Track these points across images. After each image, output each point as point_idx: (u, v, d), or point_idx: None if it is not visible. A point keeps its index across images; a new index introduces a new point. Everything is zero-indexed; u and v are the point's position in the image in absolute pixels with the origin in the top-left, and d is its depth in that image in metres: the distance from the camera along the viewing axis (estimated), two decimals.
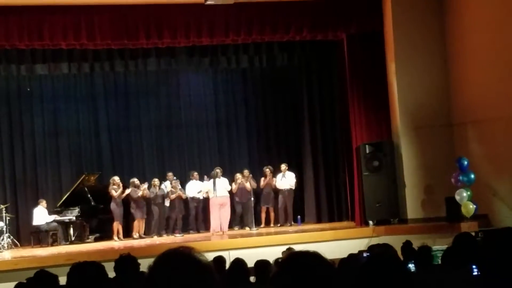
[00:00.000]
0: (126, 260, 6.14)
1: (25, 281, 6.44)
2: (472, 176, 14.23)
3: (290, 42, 16.62)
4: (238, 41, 16.02)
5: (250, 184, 16.93)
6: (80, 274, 4.76)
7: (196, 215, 17.13)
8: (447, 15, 15.72)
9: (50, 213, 16.58)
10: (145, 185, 16.57)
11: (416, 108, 15.48)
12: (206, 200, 16.94)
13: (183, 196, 16.87)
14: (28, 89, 17.79)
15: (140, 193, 16.39)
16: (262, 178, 17.38)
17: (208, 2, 13.87)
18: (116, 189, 16.37)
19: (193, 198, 16.96)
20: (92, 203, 16.70)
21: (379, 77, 15.90)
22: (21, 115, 17.77)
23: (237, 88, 19.12)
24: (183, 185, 17.07)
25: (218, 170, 16.85)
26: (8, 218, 15.71)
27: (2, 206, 15.86)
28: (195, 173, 17.15)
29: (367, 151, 15.52)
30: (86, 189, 16.73)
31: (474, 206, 13.99)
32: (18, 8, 14.29)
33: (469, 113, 15.07)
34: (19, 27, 14.34)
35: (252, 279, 7.05)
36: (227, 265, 7.41)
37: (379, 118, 15.94)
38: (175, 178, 16.95)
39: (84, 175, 16.90)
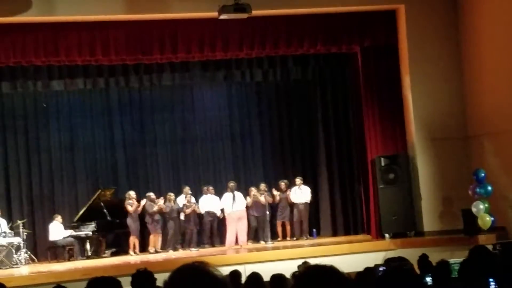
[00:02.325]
0: (143, 275, 6.15)
1: None
2: (489, 188, 14.17)
3: (304, 55, 16.64)
4: (252, 55, 16.07)
5: (265, 198, 16.92)
6: None
7: (211, 229, 17.09)
8: (461, 27, 15.70)
9: (67, 228, 16.64)
10: (161, 200, 16.60)
11: (432, 120, 15.45)
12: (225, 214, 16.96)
13: (198, 211, 16.85)
14: (44, 105, 17.89)
15: (155, 208, 16.41)
16: (278, 192, 17.32)
17: (222, 17, 13.92)
18: (131, 204, 16.41)
19: (208, 213, 16.93)
20: (108, 218, 16.73)
21: (393, 89, 15.91)
22: (37, 130, 17.87)
23: (251, 101, 19.13)
24: (198, 199, 17.08)
25: (233, 184, 16.93)
26: (25, 233, 15.78)
27: (19, 221, 15.94)
28: (210, 188, 17.12)
29: (383, 164, 15.49)
30: (102, 204, 16.76)
31: (491, 219, 13.91)
32: (34, 25, 14.43)
33: (485, 125, 15.01)
34: (35, 43, 14.47)
35: None
36: (243, 279, 7.40)
37: (394, 130, 15.92)
38: (190, 192, 16.95)
39: (100, 190, 16.94)
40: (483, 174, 14.25)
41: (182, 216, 16.71)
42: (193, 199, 16.88)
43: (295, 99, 18.87)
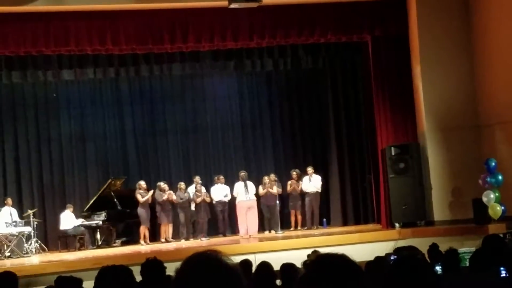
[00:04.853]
0: (152, 264, 6.16)
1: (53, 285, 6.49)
2: (500, 177, 14.12)
3: (315, 44, 16.61)
4: (262, 44, 16.02)
5: (277, 188, 16.92)
6: (108, 278, 4.79)
7: (222, 219, 17.12)
8: (472, 16, 15.61)
9: (77, 217, 16.70)
10: (171, 192, 16.63)
11: (442, 110, 15.39)
12: (232, 204, 16.95)
13: (208, 200, 16.87)
14: (55, 95, 17.94)
15: (165, 197, 16.44)
16: (289, 182, 17.34)
17: (232, 6, 13.87)
18: (142, 193, 16.44)
19: (219, 202, 16.94)
20: (119, 208, 16.78)
21: (404, 79, 15.84)
22: (48, 120, 17.92)
23: (262, 91, 19.12)
24: (208, 189, 17.09)
25: (244, 173, 16.89)
26: (35, 223, 15.84)
27: (29, 211, 16.00)
28: (221, 177, 17.12)
29: (393, 153, 15.45)
30: (112, 193, 16.81)
31: (502, 208, 13.87)
32: (44, 15, 14.42)
33: (496, 114, 14.95)
34: (46, 33, 14.45)
35: (278, 282, 7.04)
36: (254, 269, 7.40)
37: (405, 120, 15.87)
38: (200, 182, 16.97)
39: (110, 180, 16.98)
40: (494, 164, 14.19)
41: (192, 206, 16.73)
42: (203, 189, 16.88)
43: (305, 88, 18.86)
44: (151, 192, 16.53)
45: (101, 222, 16.54)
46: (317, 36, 15.67)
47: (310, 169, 17.33)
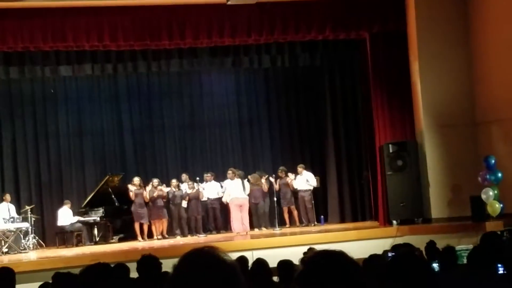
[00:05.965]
0: (148, 260, 6.17)
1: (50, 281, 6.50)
2: (500, 174, 14.14)
3: (312, 41, 16.59)
4: (260, 41, 16.01)
5: (264, 185, 16.93)
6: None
7: (214, 216, 17.11)
8: (471, 13, 15.62)
9: (75, 213, 16.69)
10: (163, 186, 16.61)
11: (440, 107, 15.39)
12: (221, 201, 16.96)
13: (201, 197, 16.83)
14: (52, 91, 17.91)
15: (155, 193, 16.39)
16: (278, 180, 17.30)
17: (230, 2, 13.87)
18: (134, 190, 16.43)
19: (210, 199, 16.94)
20: (116, 204, 16.77)
21: (402, 76, 15.83)
22: (45, 116, 17.90)
23: (259, 88, 19.10)
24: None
25: (236, 171, 16.89)
26: (33, 219, 15.84)
27: (27, 207, 16.00)
28: (209, 174, 17.12)
29: (391, 151, 15.45)
30: (110, 190, 16.79)
31: (501, 205, 13.89)
32: (42, 10, 14.40)
33: (494, 112, 14.95)
34: (43, 29, 14.44)
35: (276, 279, 7.04)
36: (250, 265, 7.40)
37: (403, 117, 15.87)
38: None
39: (107, 176, 16.96)
40: (493, 161, 14.21)
41: (184, 204, 16.66)
42: (195, 185, 16.80)
43: (303, 85, 18.85)
44: (148, 188, 16.52)
45: (98, 219, 16.53)
46: (315, 33, 15.66)
47: (300, 168, 17.27)
